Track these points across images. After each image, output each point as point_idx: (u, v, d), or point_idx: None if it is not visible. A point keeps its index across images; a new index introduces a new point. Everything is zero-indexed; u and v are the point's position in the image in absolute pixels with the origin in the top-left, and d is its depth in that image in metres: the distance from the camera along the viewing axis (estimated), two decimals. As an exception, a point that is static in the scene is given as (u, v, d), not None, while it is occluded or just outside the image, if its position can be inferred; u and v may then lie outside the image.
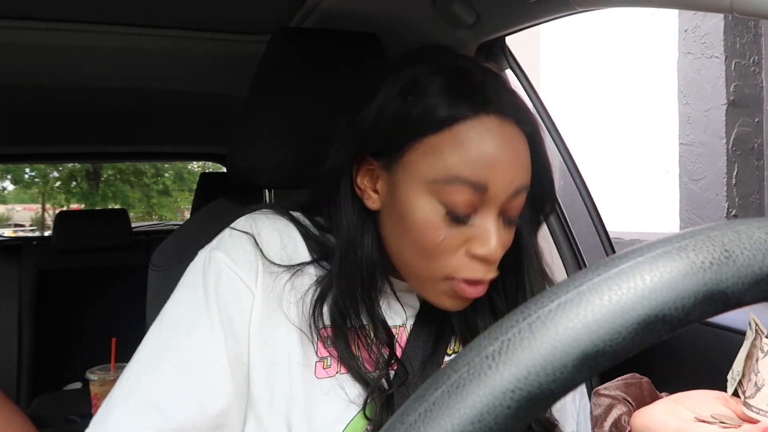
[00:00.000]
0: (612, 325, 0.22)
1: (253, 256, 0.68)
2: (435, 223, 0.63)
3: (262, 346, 0.65)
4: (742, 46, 2.52)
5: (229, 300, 0.66)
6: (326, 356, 0.68)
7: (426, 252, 0.64)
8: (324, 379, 0.66)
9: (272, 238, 0.70)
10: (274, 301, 0.67)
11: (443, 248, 0.63)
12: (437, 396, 0.22)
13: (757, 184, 2.58)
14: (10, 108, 1.87)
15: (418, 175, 0.63)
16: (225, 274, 0.66)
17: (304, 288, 0.69)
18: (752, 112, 2.55)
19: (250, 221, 0.71)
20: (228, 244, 0.69)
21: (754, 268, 0.23)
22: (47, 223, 12.80)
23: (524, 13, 0.94)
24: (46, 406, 1.91)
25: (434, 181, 0.62)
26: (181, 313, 0.67)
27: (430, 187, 0.62)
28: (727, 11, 0.59)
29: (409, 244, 0.65)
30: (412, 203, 0.63)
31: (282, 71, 0.91)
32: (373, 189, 0.68)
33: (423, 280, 0.67)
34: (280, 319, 0.67)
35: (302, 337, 0.67)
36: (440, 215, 0.62)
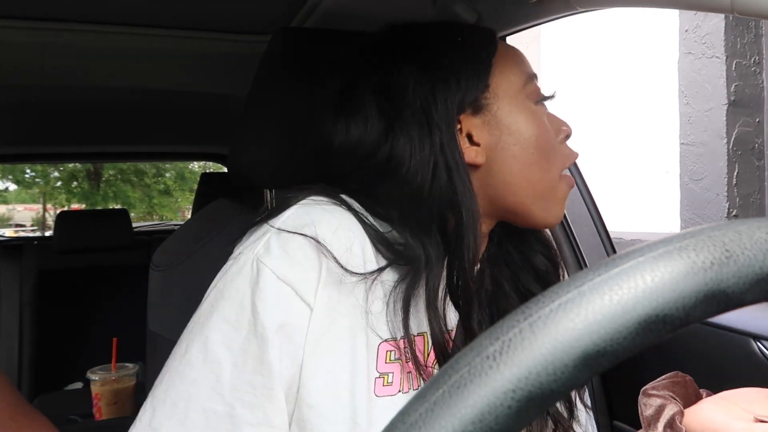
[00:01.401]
0: (613, 325, 0.22)
1: (315, 263, 0.58)
2: (545, 124, 0.70)
3: (322, 363, 0.58)
4: (742, 46, 2.52)
5: (283, 320, 0.57)
6: (388, 372, 0.61)
7: (549, 155, 0.69)
8: (384, 397, 0.60)
9: (337, 238, 0.59)
10: (337, 313, 0.59)
11: (555, 144, 0.70)
12: (438, 396, 0.22)
13: (757, 184, 2.58)
14: (10, 108, 1.87)
15: (509, 91, 0.69)
16: (278, 290, 0.57)
17: (377, 296, 0.61)
18: (753, 112, 2.55)
19: (303, 217, 0.60)
20: (278, 250, 0.58)
21: (755, 267, 0.23)
22: (48, 223, 12.80)
23: (525, 13, 0.94)
24: (47, 406, 1.91)
25: (524, 86, 0.69)
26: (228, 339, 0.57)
27: (524, 92, 0.69)
28: (727, 11, 0.59)
29: (533, 159, 0.68)
30: (525, 117, 0.68)
31: (283, 71, 0.91)
32: (471, 144, 0.68)
33: (549, 191, 0.70)
34: (343, 333, 0.59)
35: (367, 352, 0.60)
36: (540, 114, 0.70)
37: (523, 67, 0.71)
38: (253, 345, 0.57)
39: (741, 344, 0.91)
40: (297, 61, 0.91)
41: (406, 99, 0.66)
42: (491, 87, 0.68)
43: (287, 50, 0.92)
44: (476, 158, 0.67)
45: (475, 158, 0.67)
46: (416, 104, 0.65)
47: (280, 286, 0.57)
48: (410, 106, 0.65)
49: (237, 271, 0.59)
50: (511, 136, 0.67)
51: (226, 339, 0.57)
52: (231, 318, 0.58)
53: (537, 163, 0.68)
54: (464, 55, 0.69)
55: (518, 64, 0.71)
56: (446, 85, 0.66)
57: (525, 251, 0.77)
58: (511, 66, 0.70)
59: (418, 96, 0.65)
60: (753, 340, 0.90)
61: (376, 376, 0.60)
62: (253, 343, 0.57)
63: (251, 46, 1.30)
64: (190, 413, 0.56)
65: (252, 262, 0.58)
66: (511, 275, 0.76)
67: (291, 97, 0.90)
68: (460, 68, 0.67)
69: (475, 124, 0.67)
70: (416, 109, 0.65)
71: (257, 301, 0.57)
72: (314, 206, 0.62)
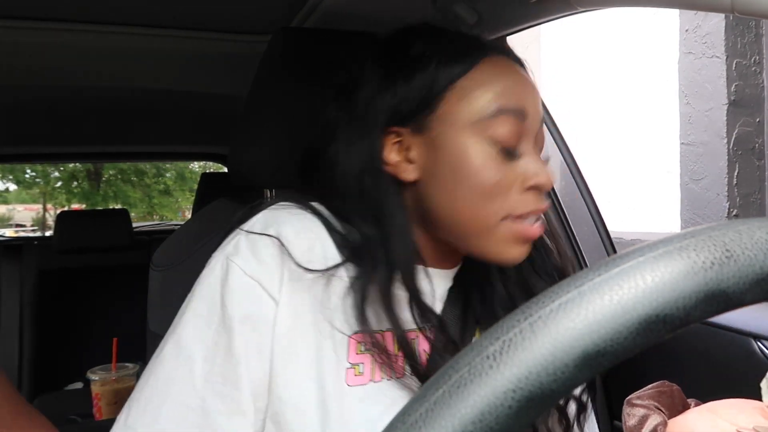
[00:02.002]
0: (613, 325, 0.22)
1: (278, 260, 0.62)
2: (488, 162, 0.63)
3: (289, 356, 0.61)
4: (743, 46, 2.52)
5: (251, 313, 0.61)
6: (359, 363, 0.64)
7: (484, 195, 0.63)
8: (356, 386, 0.63)
9: (300, 239, 0.64)
10: (301, 308, 0.62)
11: (500, 187, 0.63)
12: (438, 396, 0.22)
13: (758, 184, 2.58)
14: (10, 108, 1.87)
15: (459, 120, 0.63)
16: (246, 287, 0.61)
17: (335, 291, 0.64)
18: (753, 112, 2.55)
19: (269, 220, 0.65)
20: (246, 250, 0.63)
21: (755, 267, 0.23)
22: (48, 223, 12.80)
23: (525, 13, 0.94)
24: (47, 406, 1.91)
25: (479, 119, 0.63)
26: (199, 334, 0.62)
27: (475, 128, 0.63)
28: (728, 11, 0.59)
29: (465, 195, 0.63)
30: (462, 150, 0.63)
31: (283, 71, 0.91)
32: (405, 160, 0.66)
33: (483, 231, 0.64)
34: (308, 327, 0.62)
35: (334, 344, 0.63)
36: (492, 154, 0.63)
37: (492, 98, 0.63)
38: (223, 337, 0.60)
39: (742, 344, 0.91)
40: (297, 61, 0.91)
41: (352, 102, 0.68)
42: (439, 111, 0.64)
43: (287, 50, 0.92)
44: (405, 174, 0.66)
45: (403, 174, 0.66)
46: (358, 108, 0.67)
47: (246, 281, 0.61)
48: (354, 110, 0.67)
49: (209, 272, 0.64)
50: (445, 166, 0.64)
51: (198, 334, 0.61)
52: (202, 313, 0.62)
53: (467, 201, 0.64)
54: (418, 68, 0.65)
55: (486, 93, 0.63)
56: (386, 92, 0.66)
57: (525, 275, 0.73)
58: (476, 94, 0.63)
59: (364, 93, 0.67)
60: (753, 340, 0.90)
61: (347, 367, 0.63)
62: (223, 336, 0.60)
63: (251, 46, 1.30)
64: (163, 408, 0.59)
65: (222, 261, 0.63)
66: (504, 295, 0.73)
67: (291, 97, 0.89)
68: (408, 80, 0.65)
69: (415, 142, 0.66)
70: (358, 113, 0.67)
71: (225, 295, 0.61)
72: (281, 210, 0.67)
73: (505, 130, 0.63)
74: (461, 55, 0.65)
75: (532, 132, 0.65)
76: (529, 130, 0.65)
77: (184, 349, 0.61)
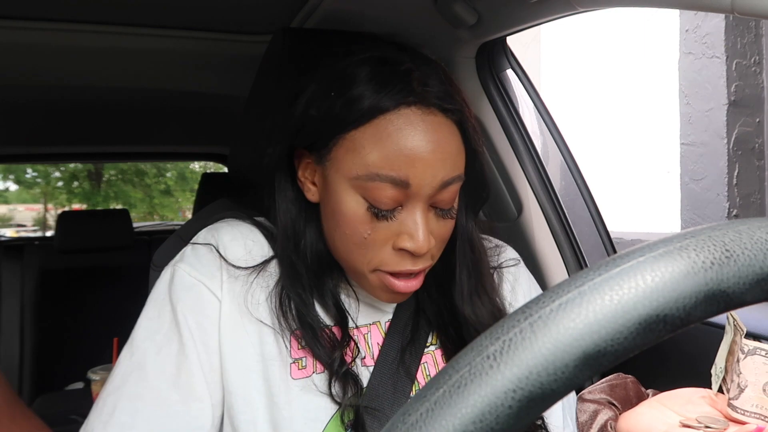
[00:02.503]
0: (613, 325, 0.22)
1: (217, 263, 0.68)
2: (360, 217, 0.63)
3: (235, 351, 0.66)
4: (743, 47, 2.52)
5: (197, 310, 0.66)
6: (301, 357, 0.67)
7: (354, 245, 0.64)
8: (300, 379, 0.66)
9: (235, 244, 0.70)
10: (242, 304, 0.67)
11: (370, 242, 0.63)
12: (439, 396, 0.22)
13: (758, 184, 2.58)
14: (11, 108, 1.87)
15: (342, 171, 0.63)
16: (190, 285, 0.67)
17: (260, 286, 0.69)
18: (753, 112, 2.55)
19: (211, 232, 0.72)
20: (190, 257, 0.69)
21: (755, 267, 0.23)
22: (49, 224, 12.81)
23: (525, 13, 0.94)
24: (48, 406, 1.92)
25: (356, 177, 0.62)
26: (151, 333, 0.66)
27: (353, 183, 0.62)
28: (728, 11, 0.59)
29: (339, 237, 0.66)
30: (339, 198, 0.64)
31: (283, 71, 0.91)
32: (311, 182, 0.69)
33: (356, 273, 0.68)
34: (251, 322, 0.67)
35: (276, 339, 0.67)
36: (364, 210, 0.62)
37: (372, 162, 0.60)
38: (174, 334, 0.65)
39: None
40: (297, 62, 0.91)
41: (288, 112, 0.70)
42: (332, 154, 0.64)
43: (288, 50, 0.92)
44: (308, 194, 0.70)
45: (307, 193, 0.70)
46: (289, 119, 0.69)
47: (191, 281, 0.67)
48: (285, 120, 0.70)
49: (159, 281, 0.70)
50: (327, 205, 0.66)
51: (150, 333, 0.66)
52: (153, 315, 0.67)
53: (341, 244, 0.66)
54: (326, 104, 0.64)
55: (369, 153, 0.60)
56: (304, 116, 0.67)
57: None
58: (362, 151, 0.61)
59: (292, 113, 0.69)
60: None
61: (290, 362, 0.67)
62: (174, 333, 0.65)
63: (251, 47, 1.30)
64: (118, 405, 0.62)
65: (170, 268, 0.70)
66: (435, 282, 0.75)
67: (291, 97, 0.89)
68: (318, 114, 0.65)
69: (317, 170, 0.68)
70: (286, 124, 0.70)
71: (173, 296, 0.66)
72: (220, 224, 0.73)
73: (379, 194, 0.61)
74: (363, 104, 0.61)
75: (419, 198, 0.62)
76: (414, 197, 0.62)
77: (137, 350, 0.65)
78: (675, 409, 0.64)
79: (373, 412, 0.66)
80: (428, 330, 0.75)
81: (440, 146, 0.61)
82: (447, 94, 0.63)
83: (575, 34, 3.18)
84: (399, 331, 0.73)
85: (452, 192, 0.64)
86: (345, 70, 0.64)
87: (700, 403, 0.64)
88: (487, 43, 1.11)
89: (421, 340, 0.74)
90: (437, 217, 0.65)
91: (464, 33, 1.05)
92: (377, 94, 0.61)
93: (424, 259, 0.64)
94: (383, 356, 0.71)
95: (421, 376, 0.72)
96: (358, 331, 0.72)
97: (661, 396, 0.68)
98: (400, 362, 0.71)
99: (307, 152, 0.68)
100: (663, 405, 0.66)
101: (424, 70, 0.63)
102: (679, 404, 0.64)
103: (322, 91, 0.65)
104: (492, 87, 1.18)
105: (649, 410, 0.66)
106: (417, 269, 0.64)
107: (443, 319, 0.74)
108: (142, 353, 0.65)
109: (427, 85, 0.62)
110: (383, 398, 0.68)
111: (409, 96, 0.60)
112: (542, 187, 1.18)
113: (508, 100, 1.19)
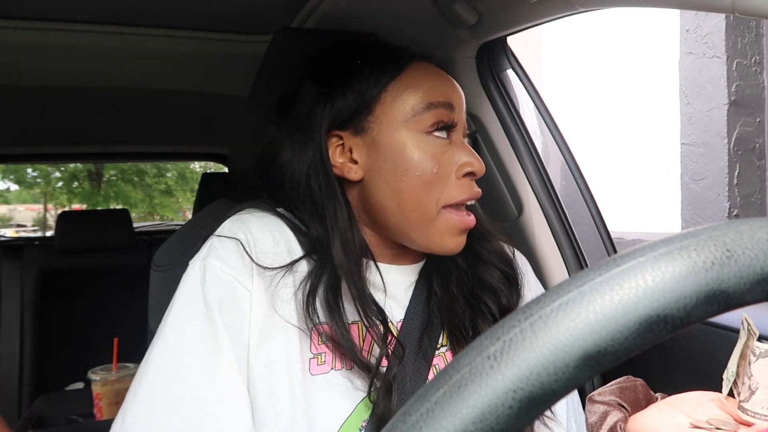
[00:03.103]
0: (614, 325, 0.22)
1: (247, 258, 0.68)
2: (425, 154, 0.69)
3: (261, 346, 0.65)
4: (743, 46, 2.52)
5: (231, 307, 0.66)
6: (321, 353, 0.68)
7: (424, 185, 0.69)
8: (319, 375, 0.67)
9: (263, 236, 0.71)
10: (270, 300, 0.68)
11: (438, 176, 0.69)
12: (439, 396, 0.22)
13: (758, 184, 2.58)
14: (11, 108, 1.87)
15: (395, 118, 0.70)
16: (223, 280, 0.67)
17: (298, 284, 0.69)
18: (754, 112, 2.55)
19: (237, 224, 0.72)
20: (219, 250, 0.69)
21: (756, 267, 0.23)
22: (49, 224, 12.81)
23: (526, 13, 0.94)
24: (48, 406, 1.91)
25: (414, 115, 0.70)
26: (184, 331, 0.65)
27: (411, 123, 0.70)
28: (728, 11, 0.59)
29: (407, 187, 0.69)
30: (401, 145, 0.69)
31: (284, 71, 0.91)
32: (350, 161, 0.72)
33: (426, 222, 0.70)
34: (276, 318, 0.67)
35: (300, 335, 0.67)
36: (429, 146, 0.70)
37: (422, 95, 0.71)
38: (207, 329, 0.64)
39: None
40: (298, 62, 0.91)
41: (295, 108, 0.74)
42: (376, 112, 0.71)
43: (288, 50, 0.92)
44: (350, 174, 0.72)
45: (349, 174, 0.72)
46: (300, 114, 0.73)
47: (223, 276, 0.67)
48: (296, 116, 0.74)
49: (186, 276, 0.69)
50: (386, 162, 0.70)
51: (182, 331, 0.65)
52: (185, 312, 0.66)
53: (410, 191, 0.69)
54: (353, 76, 0.72)
55: (416, 92, 0.71)
56: (326, 100, 0.72)
57: (475, 265, 0.78)
58: (407, 94, 0.71)
59: (303, 106, 0.73)
60: (754, 340, 0.89)
61: (310, 357, 0.67)
62: (207, 328, 0.64)
63: (252, 47, 1.30)
64: (155, 403, 0.62)
65: (199, 263, 0.69)
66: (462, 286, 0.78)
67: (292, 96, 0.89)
68: (344, 87, 0.72)
69: (357, 143, 0.72)
70: (300, 118, 0.73)
71: (206, 291, 0.66)
72: (246, 215, 0.73)
73: (436, 121, 0.70)
74: (390, 62, 0.72)
75: (460, 124, 0.73)
76: (457, 122, 0.72)
77: (170, 348, 0.64)
78: (685, 412, 0.64)
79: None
80: (440, 330, 0.75)
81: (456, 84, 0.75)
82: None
83: (576, 34, 3.18)
84: (414, 329, 0.74)
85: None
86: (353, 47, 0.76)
87: (709, 406, 0.64)
88: (487, 43, 1.11)
89: (433, 340, 0.74)
90: None
91: (465, 33, 1.05)
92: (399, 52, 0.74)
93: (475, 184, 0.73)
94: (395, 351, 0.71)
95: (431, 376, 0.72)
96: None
97: (671, 399, 0.68)
98: (413, 359, 0.71)
99: (337, 135, 0.72)
100: (672, 407, 0.65)
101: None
102: (689, 407, 0.64)
103: (348, 66, 0.73)
104: (492, 87, 1.17)
105: (659, 413, 0.66)
106: (478, 193, 0.72)
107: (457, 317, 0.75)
108: (174, 352, 0.64)
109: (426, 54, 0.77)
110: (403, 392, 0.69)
111: (418, 55, 0.75)
112: (543, 187, 1.18)
113: (509, 100, 1.19)
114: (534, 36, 3.33)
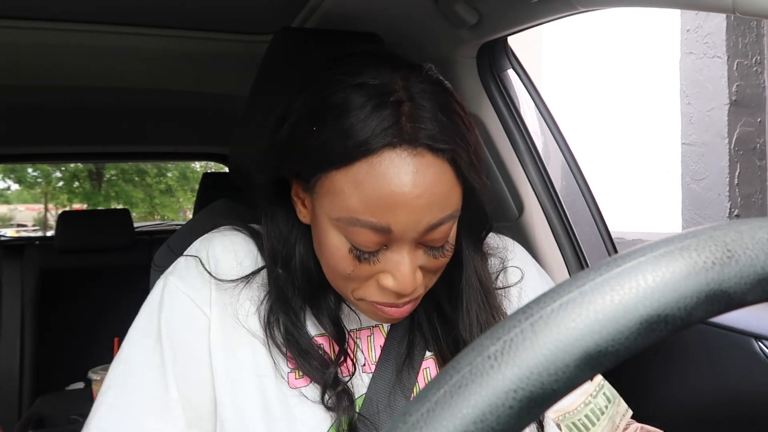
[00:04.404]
0: (614, 325, 0.22)
1: (206, 277, 0.68)
2: (343, 255, 0.60)
3: (226, 365, 0.65)
4: (744, 46, 2.52)
5: (183, 324, 0.66)
6: (297, 367, 0.67)
7: (339, 277, 0.63)
8: (298, 388, 0.66)
9: (226, 256, 0.70)
10: (234, 316, 0.67)
11: (353, 277, 0.61)
12: (439, 396, 0.22)
13: (759, 184, 2.58)
14: (11, 108, 1.87)
15: (323, 209, 0.60)
16: (178, 300, 0.67)
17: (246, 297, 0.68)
18: (754, 112, 2.55)
19: (204, 243, 0.72)
20: (182, 269, 0.70)
21: (757, 267, 0.23)
22: (50, 223, 12.82)
23: (526, 13, 0.94)
24: (48, 406, 1.92)
25: (337, 219, 0.58)
26: (139, 340, 0.67)
27: (334, 223, 0.59)
28: (729, 11, 0.59)
29: (325, 267, 0.65)
30: (323, 233, 0.61)
31: (284, 71, 0.91)
32: (302, 204, 0.66)
33: (348, 298, 0.66)
34: (242, 334, 0.67)
35: (271, 349, 0.66)
36: (346, 250, 0.60)
37: (353, 208, 0.57)
38: (158, 345, 0.65)
39: (743, 344, 0.90)
40: (298, 62, 0.91)
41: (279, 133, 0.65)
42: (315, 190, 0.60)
43: (289, 50, 0.92)
44: (300, 215, 0.67)
45: (299, 214, 0.67)
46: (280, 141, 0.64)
47: (180, 296, 0.67)
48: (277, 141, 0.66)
49: (153, 290, 0.70)
50: (315, 233, 0.64)
51: (136, 344, 0.67)
52: (143, 324, 0.68)
53: (327, 271, 0.65)
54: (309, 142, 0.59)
55: (350, 200, 0.56)
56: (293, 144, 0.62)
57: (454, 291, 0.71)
58: (342, 196, 0.57)
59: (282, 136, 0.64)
60: (755, 340, 0.90)
61: (288, 371, 0.66)
62: (158, 343, 0.65)
63: (252, 46, 1.30)
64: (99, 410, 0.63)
65: (162, 280, 0.70)
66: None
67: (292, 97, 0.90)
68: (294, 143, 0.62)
69: (306, 196, 0.64)
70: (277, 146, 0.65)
71: (162, 308, 0.67)
72: (215, 234, 0.73)
73: (359, 239, 0.58)
74: (346, 144, 0.55)
75: (404, 240, 0.58)
76: (398, 240, 0.58)
77: (125, 359, 0.66)
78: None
79: (368, 422, 0.66)
80: (424, 344, 0.74)
81: (427, 190, 0.56)
82: (440, 128, 0.56)
83: (576, 34, 3.18)
84: (397, 339, 0.73)
85: (443, 231, 0.59)
86: (328, 99, 0.58)
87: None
88: (488, 42, 1.11)
89: (419, 349, 0.73)
90: (428, 254, 0.61)
91: (465, 33, 1.05)
92: (360, 134, 0.55)
93: (413, 293, 0.62)
94: (381, 365, 0.70)
95: (422, 379, 0.71)
96: (360, 333, 0.72)
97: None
98: (398, 370, 0.70)
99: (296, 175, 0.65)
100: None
101: (418, 100, 0.57)
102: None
103: (303, 123, 0.60)
104: (493, 87, 1.18)
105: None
106: (403, 302, 0.62)
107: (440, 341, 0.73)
108: (127, 363, 0.66)
109: (417, 120, 0.55)
110: (380, 408, 0.67)
111: (395, 137, 0.55)
112: (543, 187, 1.18)
113: (509, 100, 1.19)
114: (534, 36, 3.33)
